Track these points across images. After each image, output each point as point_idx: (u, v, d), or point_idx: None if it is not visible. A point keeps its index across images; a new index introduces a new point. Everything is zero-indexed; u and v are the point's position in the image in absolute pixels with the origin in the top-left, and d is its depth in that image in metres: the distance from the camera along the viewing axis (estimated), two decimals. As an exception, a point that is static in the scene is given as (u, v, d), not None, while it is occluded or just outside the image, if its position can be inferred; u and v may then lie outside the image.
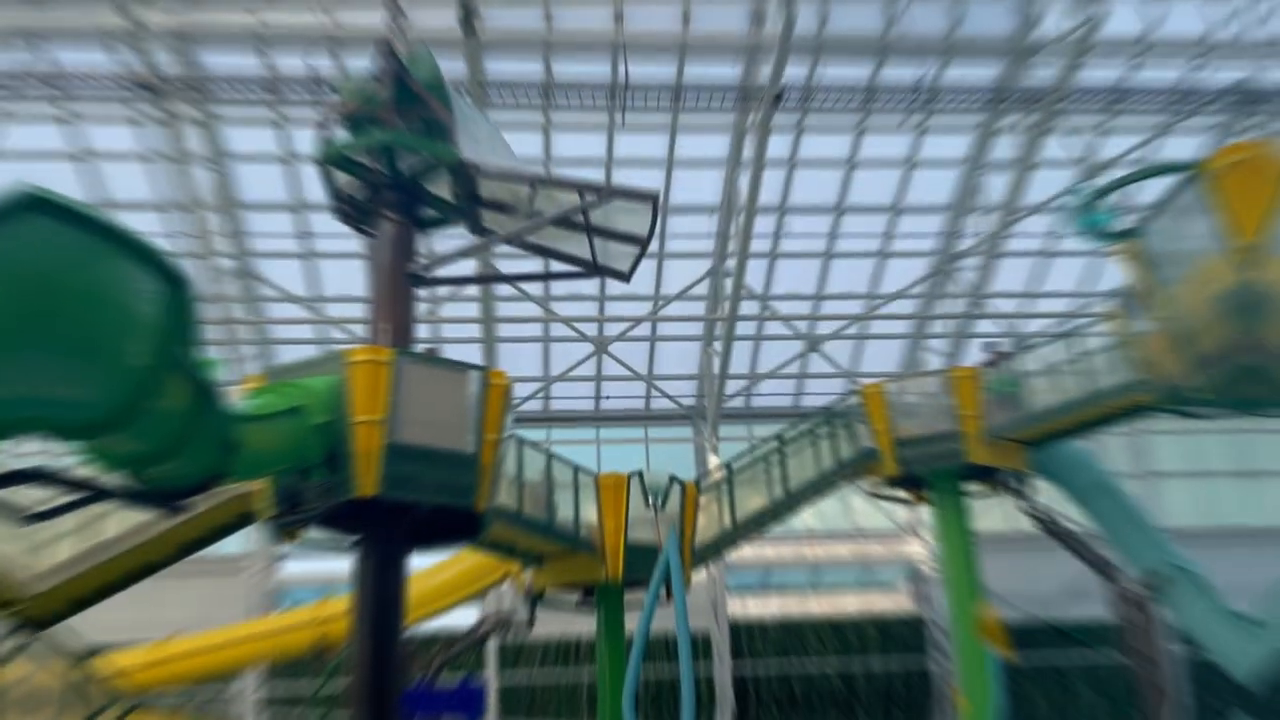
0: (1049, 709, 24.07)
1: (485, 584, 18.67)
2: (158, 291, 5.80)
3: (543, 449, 16.61)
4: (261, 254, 23.38)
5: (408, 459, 11.71)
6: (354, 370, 11.70)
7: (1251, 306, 11.05)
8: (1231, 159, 10.90)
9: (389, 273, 12.78)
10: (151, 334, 5.83)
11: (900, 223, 23.91)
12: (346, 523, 12.08)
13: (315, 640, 17.65)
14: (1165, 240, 12.65)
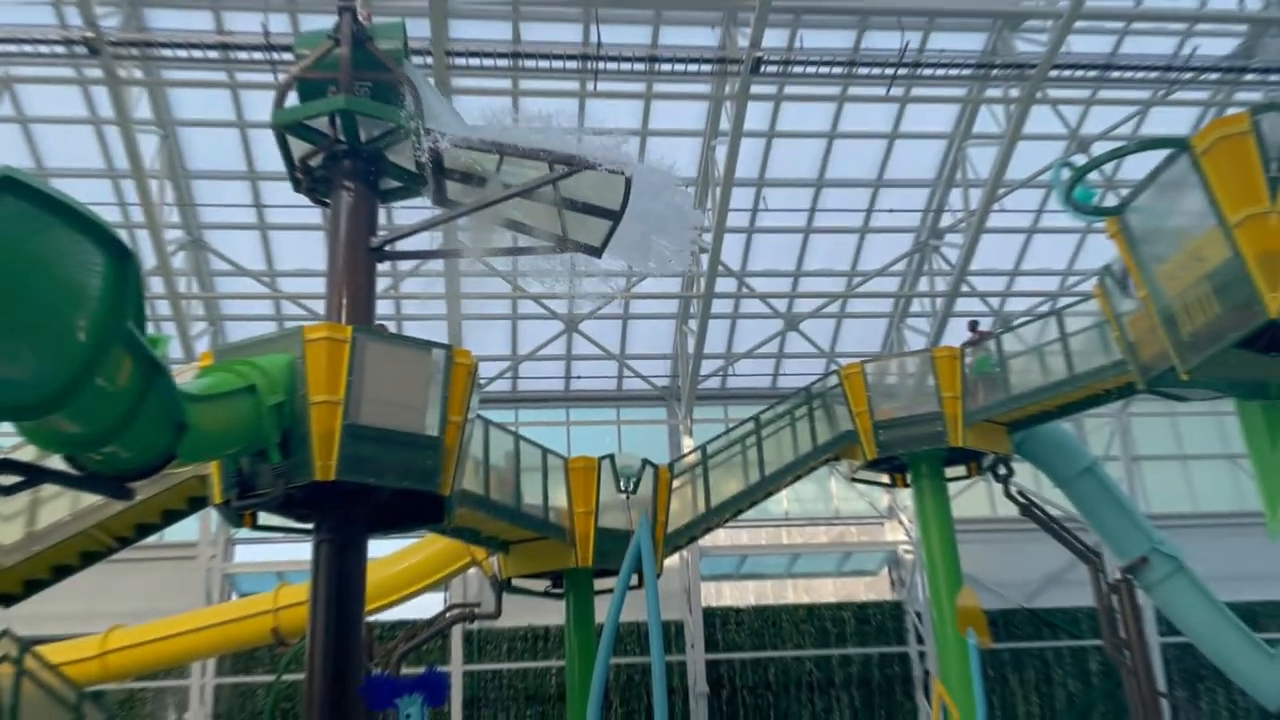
0: (1030, 696, 23.87)
1: (450, 571, 18.17)
2: (101, 264, 5.36)
3: (510, 431, 16.09)
4: (213, 225, 22.49)
5: (368, 441, 11.25)
6: (311, 348, 11.20)
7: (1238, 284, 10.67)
8: (1219, 133, 10.46)
9: (348, 245, 12.27)
10: (94, 309, 5.37)
11: (882, 198, 23.44)
12: (304, 507, 11.59)
13: (271, 629, 17.12)
14: (1152, 217, 12.25)
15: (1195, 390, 14.25)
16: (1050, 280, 24.84)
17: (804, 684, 23.29)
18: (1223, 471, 25.68)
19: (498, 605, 17.88)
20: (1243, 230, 9.87)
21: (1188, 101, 21.95)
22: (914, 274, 24.31)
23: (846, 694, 23.44)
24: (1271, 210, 9.80)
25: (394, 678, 8.91)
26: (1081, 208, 13.04)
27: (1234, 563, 21.67)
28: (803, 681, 23.30)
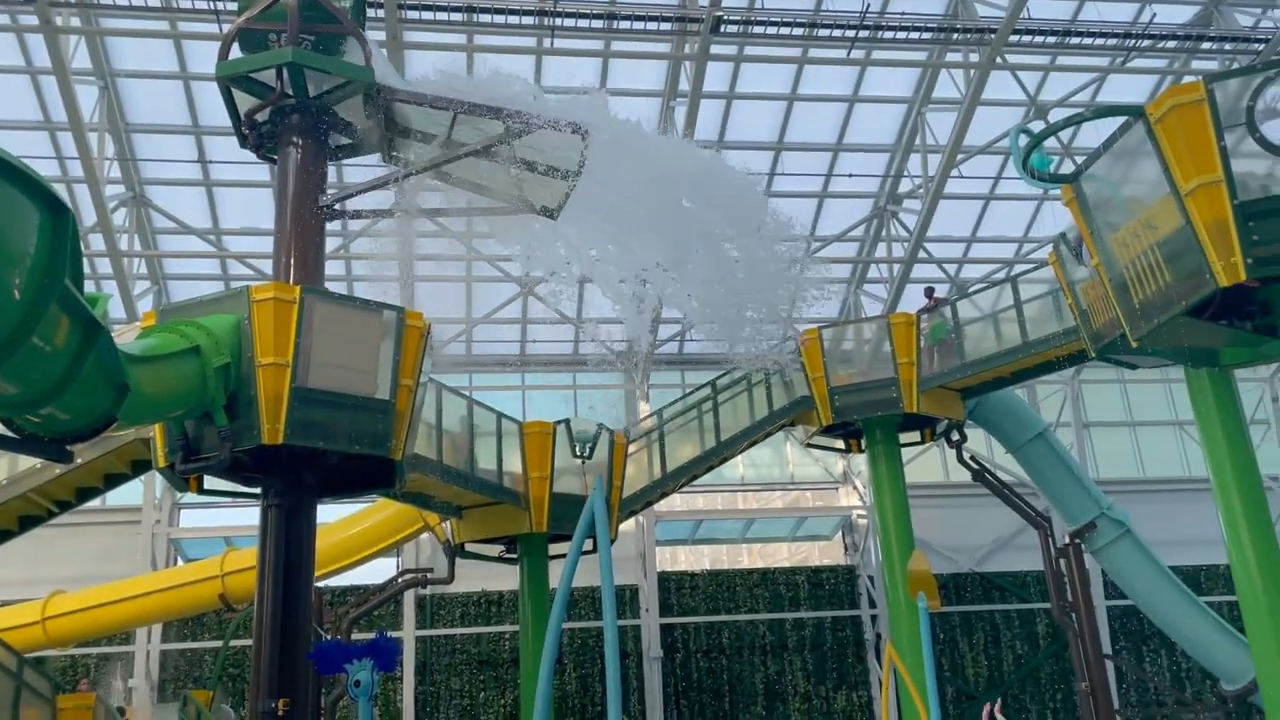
0: (979, 658, 24.29)
1: (402, 536, 18.02)
2: (36, 219, 5.17)
3: (464, 395, 15.90)
4: (155, 181, 21.80)
5: (317, 404, 11.05)
6: (258, 308, 10.94)
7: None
8: (1174, 102, 10.47)
9: (296, 204, 11.97)
10: (29, 266, 5.20)
11: (841, 162, 23.36)
12: (251, 471, 11.39)
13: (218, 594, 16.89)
14: (1106, 185, 12.30)
15: (1145, 358, 14.43)
16: (1006, 247, 24.99)
17: (757, 647, 23.50)
18: (1170, 438, 26.16)
19: (451, 570, 17.78)
20: (1194, 199, 9.92)
21: (1145, 69, 22.06)
22: (872, 239, 24.32)
23: (799, 657, 23.70)
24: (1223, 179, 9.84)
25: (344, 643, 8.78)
26: (1038, 174, 13.06)
27: (1180, 528, 22.15)
28: (756, 645, 23.51)
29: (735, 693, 23.18)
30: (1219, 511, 13.83)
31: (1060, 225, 17.28)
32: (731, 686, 23.23)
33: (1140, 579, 18.39)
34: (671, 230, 11.80)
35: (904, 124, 22.77)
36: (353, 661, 8.51)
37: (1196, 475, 20.68)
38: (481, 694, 22.04)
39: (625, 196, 11.73)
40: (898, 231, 23.84)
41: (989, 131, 21.69)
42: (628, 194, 11.68)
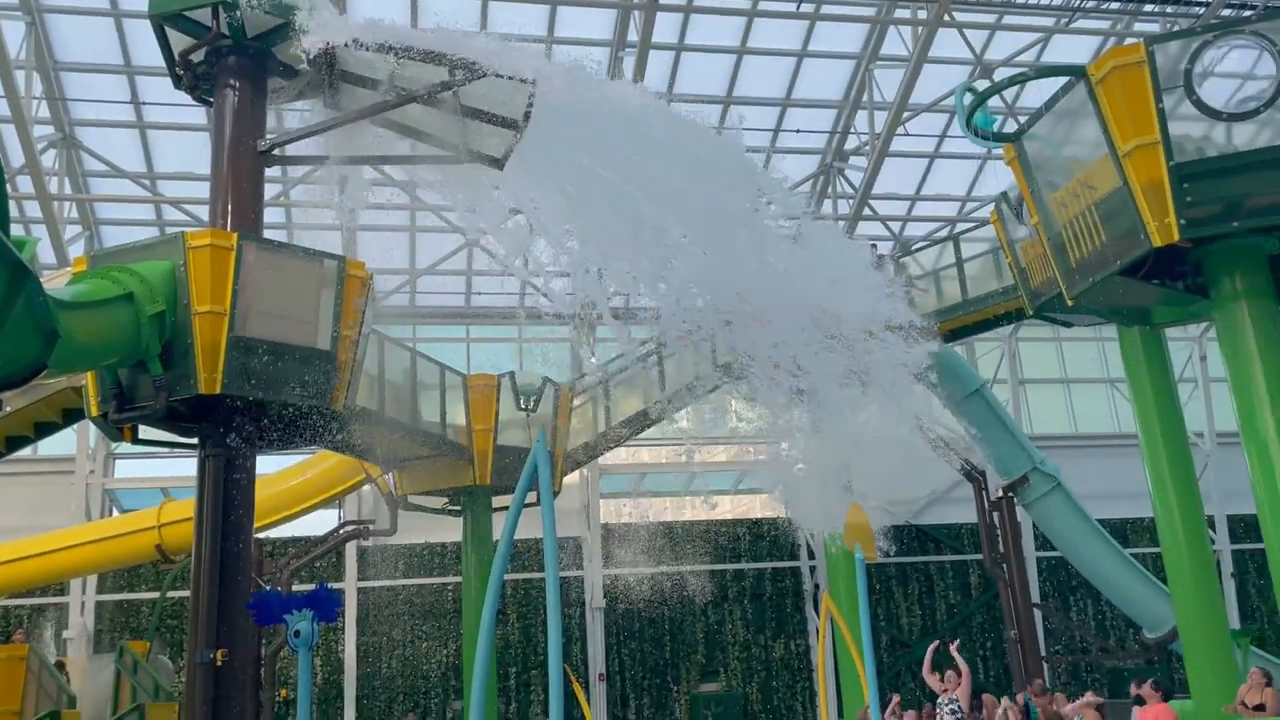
0: (913, 607, 24.91)
1: (343, 488, 17.90)
2: None
3: (407, 347, 15.75)
4: (86, 123, 21.07)
5: (255, 354, 10.90)
6: (194, 255, 10.73)
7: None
8: (1115, 63, 10.61)
9: (233, 148, 11.68)
10: None
11: (789, 118, 23.32)
12: (188, 421, 11.22)
13: (155, 545, 16.67)
14: (1048, 145, 12.46)
15: (1080, 316, 14.78)
16: (949, 206, 25.24)
17: (699, 598, 23.83)
18: (1102, 395, 26.81)
19: (393, 522, 17.75)
20: (1132, 159, 10.09)
21: (1090, 31, 22.27)
22: (818, 196, 24.39)
23: (739, 607, 24.10)
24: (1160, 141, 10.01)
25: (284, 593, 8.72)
26: (981, 133, 13.17)
27: (1109, 482, 22.78)
28: (698, 595, 23.83)
29: (676, 642, 23.55)
30: (1146, 466, 14.28)
31: (1003, 185, 17.50)
32: (673, 636, 23.58)
33: (1069, 531, 18.94)
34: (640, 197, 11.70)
35: (852, 80, 22.77)
36: (292, 612, 8.45)
37: (1126, 431, 21.23)
38: (424, 644, 22.12)
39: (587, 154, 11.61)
40: (843, 189, 23.94)
41: (935, 90, 21.80)
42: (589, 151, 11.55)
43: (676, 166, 11.03)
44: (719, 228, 10.92)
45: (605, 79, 11.54)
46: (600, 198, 11.08)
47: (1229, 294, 10.44)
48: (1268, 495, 9.91)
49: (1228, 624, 14.68)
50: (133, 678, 14.34)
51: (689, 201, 10.89)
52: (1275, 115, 10.08)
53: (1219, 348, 10.94)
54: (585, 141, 11.26)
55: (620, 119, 11.28)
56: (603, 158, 11.23)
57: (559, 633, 6.35)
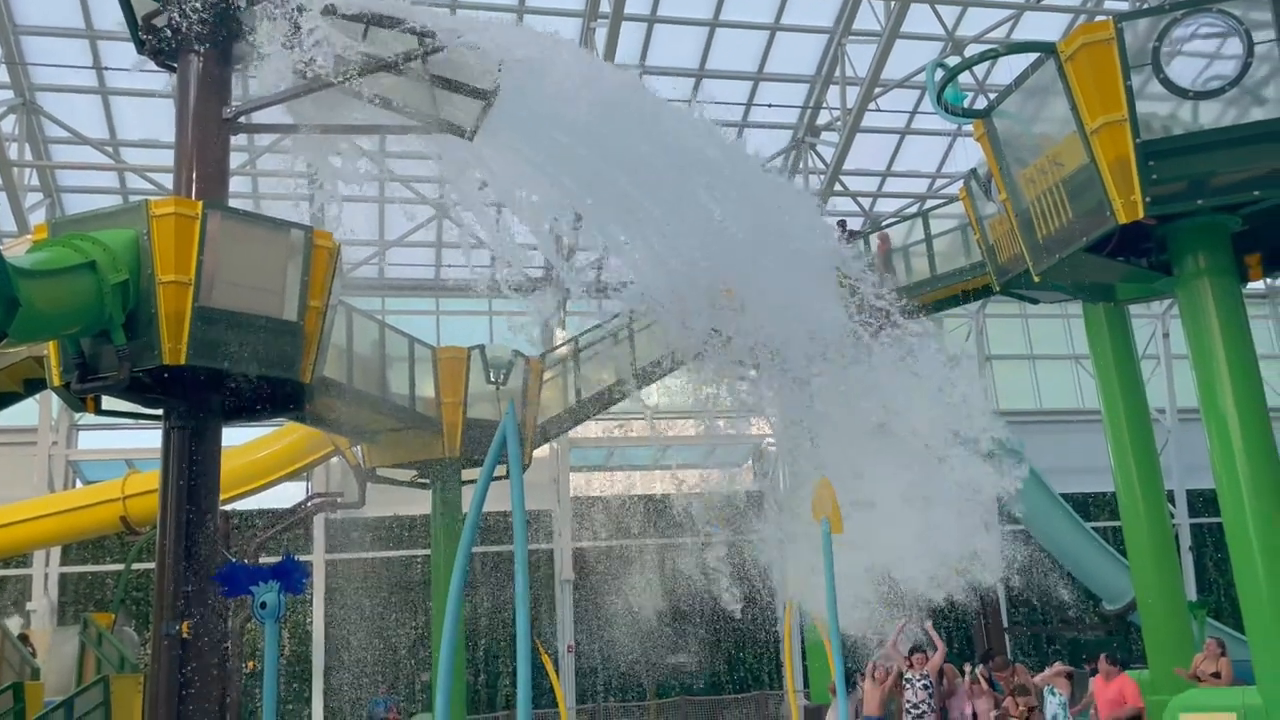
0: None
1: (311, 460, 17.79)
2: None
3: (376, 319, 15.63)
4: (48, 88, 20.67)
5: (221, 324, 10.78)
6: (158, 223, 10.57)
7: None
8: (1084, 40, 10.66)
9: (198, 116, 11.50)
10: None
11: (761, 92, 23.27)
12: (153, 392, 11.08)
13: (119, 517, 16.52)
14: (1017, 121, 12.52)
15: (1046, 292, 14.91)
16: (919, 182, 25.34)
17: (667, 569, 23.97)
18: (1067, 372, 27.13)
19: (361, 494, 17.69)
20: (1099, 136, 10.15)
21: (1061, 7, 22.36)
22: (789, 171, 24.40)
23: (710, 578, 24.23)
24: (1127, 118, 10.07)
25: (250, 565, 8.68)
26: (951, 108, 13.22)
27: (1072, 457, 23.11)
28: (666, 567, 23.97)
29: (644, 614, 23.69)
30: (1108, 442, 14.49)
31: (972, 161, 17.58)
32: (640, 608, 23.71)
33: (1032, 505, 19.18)
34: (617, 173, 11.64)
35: (824, 55, 22.75)
36: (259, 584, 8.41)
37: (1090, 407, 21.53)
38: (393, 616, 22.12)
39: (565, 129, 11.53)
40: (815, 164, 23.96)
41: (907, 66, 21.83)
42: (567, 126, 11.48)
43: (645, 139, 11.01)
44: (684, 196, 10.94)
45: (578, 49, 11.42)
46: (571, 167, 11.06)
47: (1192, 271, 10.56)
48: (1226, 470, 10.08)
49: (1185, 596, 14.98)
50: (97, 650, 14.25)
51: (657, 171, 10.89)
52: (1240, 94, 10.18)
53: (1181, 325, 11.09)
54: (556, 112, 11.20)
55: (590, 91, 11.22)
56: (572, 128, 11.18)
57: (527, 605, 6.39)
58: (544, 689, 18.63)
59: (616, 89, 11.58)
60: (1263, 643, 9.55)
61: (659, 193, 11.00)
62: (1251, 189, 9.92)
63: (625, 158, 11.15)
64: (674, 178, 11.01)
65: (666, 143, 10.92)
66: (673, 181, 10.99)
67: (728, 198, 11.15)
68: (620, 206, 11.49)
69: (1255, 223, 10.70)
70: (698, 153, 11.12)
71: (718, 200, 11.08)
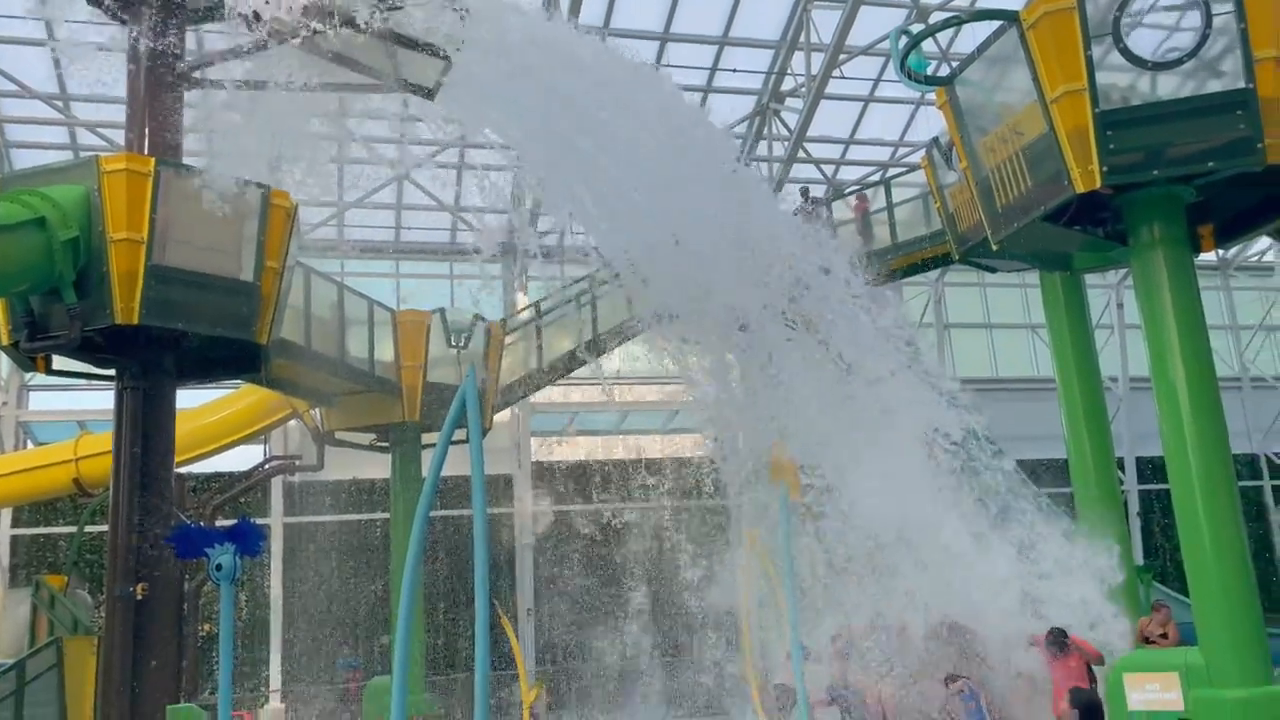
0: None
1: (269, 423, 17.64)
2: None
3: (334, 280, 15.48)
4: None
5: (175, 284, 10.67)
6: (109, 180, 10.43)
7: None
8: (1045, 8, 10.71)
9: (151, 71, 11.32)
10: None
11: (726, 57, 23.13)
12: (106, 352, 10.94)
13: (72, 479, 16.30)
14: (979, 90, 12.56)
15: (1005, 261, 15.04)
16: (882, 150, 25.40)
17: (628, 535, 24.10)
18: (1023, 340, 27.49)
19: (320, 458, 17.59)
20: (1059, 106, 10.21)
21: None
22: (754, 137, 24.35)
23: (670, 543, 24.42)
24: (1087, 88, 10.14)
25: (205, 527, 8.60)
26: (915, 76, 13.22)
27: (1026, 424, 23.43)
28: (627, 533, 24.10)
29: (605, 578, 23.84)
30: (1061, 409, 14.72)
31: (935, 130, 17.64)
32: (602, 572, 23.86)
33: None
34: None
35: (790, 20, 22.63)
36: (214, 546, 8.33)
37: (1044, 375, 21.82)
38: (352, 580, 22.07)
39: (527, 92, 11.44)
40: (779, 130, 23.92)
41: (872, 33, 21.79)
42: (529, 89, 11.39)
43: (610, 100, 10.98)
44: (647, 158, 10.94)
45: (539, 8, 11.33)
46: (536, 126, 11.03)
47: (1147, 241, 10.69)
48: (1174, 438, 10.27)
49: (1132, 560, 15.32)
50: (49, 612, 14.11)
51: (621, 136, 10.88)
52: (1198, 66, 10.28)
53: (1135, 294, 11.24)
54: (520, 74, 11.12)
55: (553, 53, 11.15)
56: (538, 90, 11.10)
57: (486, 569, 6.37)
58: (503, 652, 18.72)
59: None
60: (1205, 605, 9.80)
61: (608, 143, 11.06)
62: (1206, 160, 10.04)
63: (581, 113, 11.14)
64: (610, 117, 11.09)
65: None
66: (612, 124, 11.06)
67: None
68: (576, 161, 11.47)
69: (1209, 194, 10.85)
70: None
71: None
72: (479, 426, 6.97)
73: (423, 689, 16.86)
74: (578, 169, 11.90)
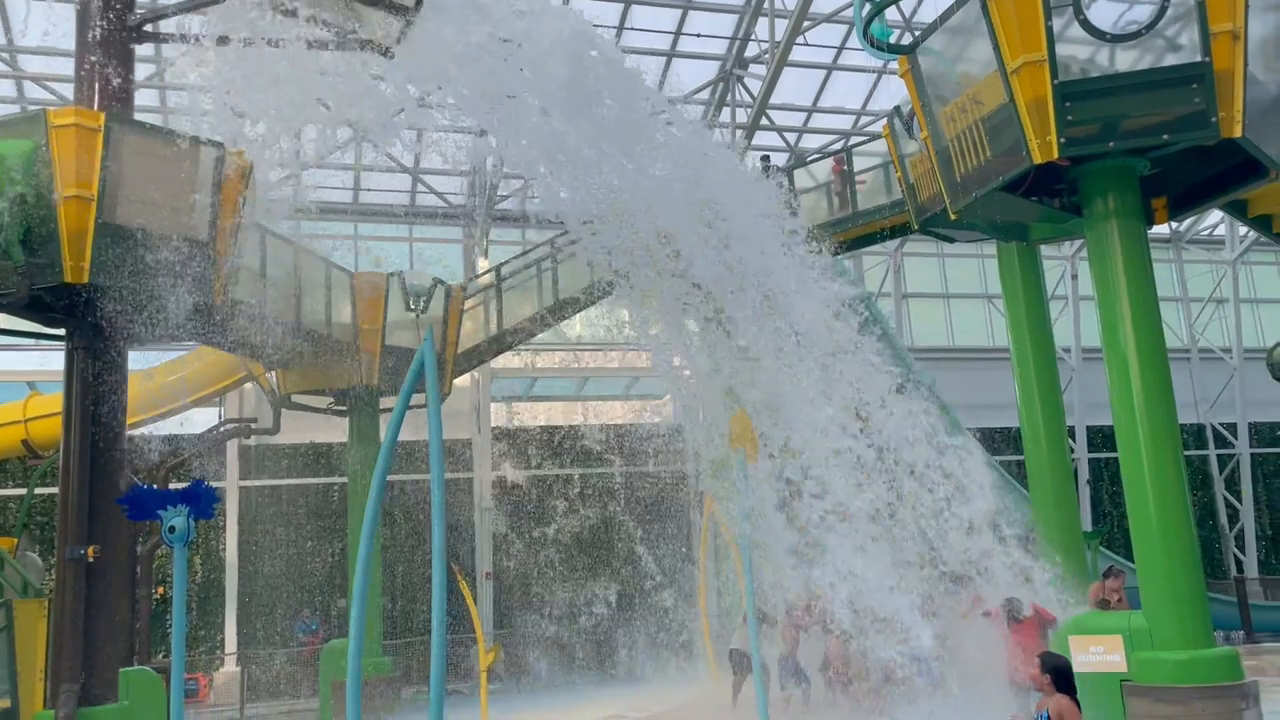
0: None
1: (224, 385, 17.43)
2: None
3: (291, 241, 15.26)
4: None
5: (127, 242, 10.43)
6: (58, 135, 10.18)
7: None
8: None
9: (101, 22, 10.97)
10: None
11: (691, 21, 22.96)
12: (55, 311, 10.72)
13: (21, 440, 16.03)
14: (941, 59, 12.60)
15: (962, 232, 15.19)
16: (844, 119, 25.43)
17: (588, 500, 24.19)
18: (980, 310, 27.81)
19: (276, 421, 17.43)
20: (1019, 76, 10.27)
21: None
22: (717, 103, 24.26)
23: (629, 508, 24.55)
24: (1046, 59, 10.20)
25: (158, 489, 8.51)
26: (878, 44, 13.23)
27: (981, 393, 23.79)
28: (586, 497, 24.19)
29: (563, 543, 23.93)
30: (1015, 378, 14.94)
31: (897, 99, 17.69)
32: (560, 537, 23.94)
33: (941, 440, 19.75)
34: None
35: (755, -15, 22.52)
36: (167, 508, 8.26)
37: (1000, 345, 22.10)
38: (309, 544, 21.98)
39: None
40: (742, 97, 23.85)
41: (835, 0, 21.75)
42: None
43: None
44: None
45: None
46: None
47: (1101, 213, 10.82)
48: (1123, 407, 10.47)
49: (1080, 526, 15.64)
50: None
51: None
52: (1155, 39, 10.39)
53: (1089, 265, 11.39)
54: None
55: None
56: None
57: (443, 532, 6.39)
58: (462, 616, 18.77)
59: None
60: (1150, 570, 10.05)
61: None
62: (1161, 133, 10.17)
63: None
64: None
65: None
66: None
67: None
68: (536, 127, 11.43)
69: (1163, 167, 11.01)
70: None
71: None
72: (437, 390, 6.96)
73: (380, 651, 16.87)
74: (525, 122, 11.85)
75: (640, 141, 12.15)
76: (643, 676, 19.12)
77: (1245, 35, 9.90)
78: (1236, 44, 9.87)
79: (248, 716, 18.22)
